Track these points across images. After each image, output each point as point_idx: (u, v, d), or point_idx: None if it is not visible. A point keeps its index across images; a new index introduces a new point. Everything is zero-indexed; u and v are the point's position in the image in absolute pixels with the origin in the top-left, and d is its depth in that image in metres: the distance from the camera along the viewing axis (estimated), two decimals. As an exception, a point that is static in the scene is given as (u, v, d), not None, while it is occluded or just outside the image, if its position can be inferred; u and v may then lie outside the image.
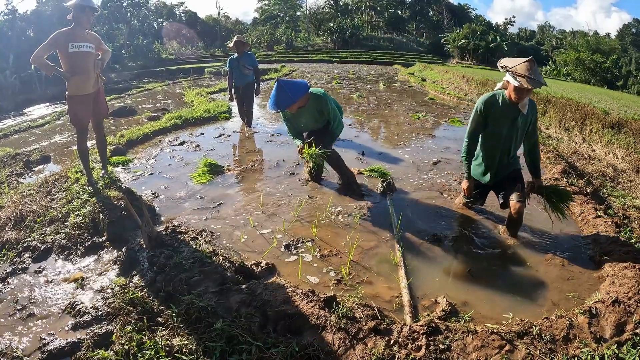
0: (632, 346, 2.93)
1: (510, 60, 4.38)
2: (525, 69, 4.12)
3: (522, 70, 4.12)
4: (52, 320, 3.40)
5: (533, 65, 4.16)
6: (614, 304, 3.38)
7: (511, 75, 4.22)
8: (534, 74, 4.12)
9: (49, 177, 6.33)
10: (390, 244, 4.57)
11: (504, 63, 4.40)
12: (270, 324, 3.13)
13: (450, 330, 3.10)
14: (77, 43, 5.40)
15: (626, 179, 7.36)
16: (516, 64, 4.20)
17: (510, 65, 4.25)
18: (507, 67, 4.27)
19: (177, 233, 4.59)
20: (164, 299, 3.44)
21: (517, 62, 4.24)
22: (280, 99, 5.22)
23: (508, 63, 4.33)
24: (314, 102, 5.55)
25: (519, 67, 4.15)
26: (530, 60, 4.19)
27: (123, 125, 11.01)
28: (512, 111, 4.47)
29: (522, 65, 4.15)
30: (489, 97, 4.58)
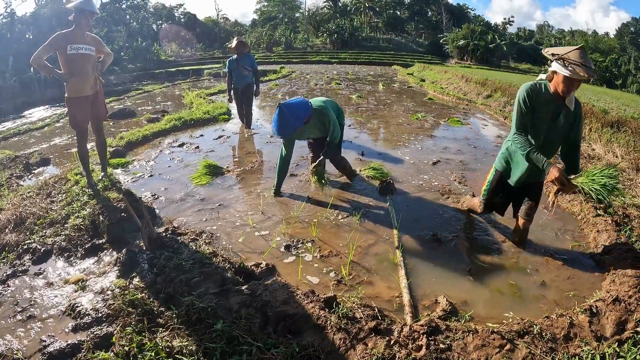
0: (633, 344, 2.92)
1: (558, 49, 3.93)
2: (579, 56, 3.70)
3: (576, 57, 3.70)
4: (52, 322, 3.40)
5: (585, 53, 3.76)
6: (614, 303, 3.38)
7: (561, 63, 3.75)
8: (588, 62, 3.74)
9: (49, 179, 6.32)
10: (390, 244, 4.57)
11: (552, 51, 3.93)
12: (271, 325, 3.12)
13: (451, 330, 3.10)
14: (77, 45, 5.40)
15: (626, 177, 7.36)
16: (567, 51, 3.78)
17: (561, 52, 3.80)
18: (558, 55, 3.81)
19: (177, 234, 4.59)
20: (164, 300, 3.44)
21: (567, 49, 3.83)
22: (285, 127, 5.30)
23: (557, 51, 3.89)
24: (316, 117, 5.62)
25: (571, 55, 3.73)
26: (582, 48, 3.80)
27: (122, 127, 11.02)
28: (557, 106, 3.96)
29: (574, 52, 3.73)
30: (533, 84, 4.02)
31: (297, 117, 5.31)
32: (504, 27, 66.10)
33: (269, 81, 22.21)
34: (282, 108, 5.25)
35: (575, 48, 3.75)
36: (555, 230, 4.96)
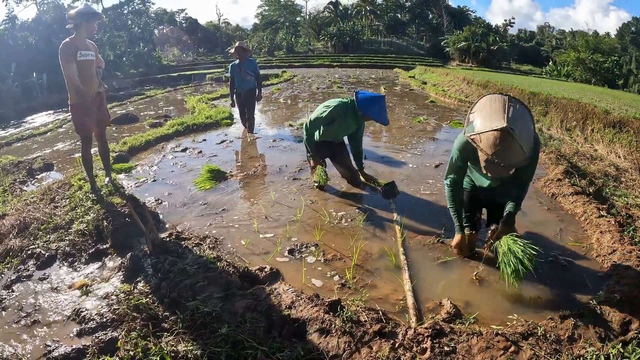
0: (637, 345, 2.92)
1: (482, 112, 3.07)
2: (492, 143, 2.88)
3: (486, 145, 2.91)
4: (57, 327, 3.41)
5: (505, 139, 2.86)
6: (618, 304, 3.37)
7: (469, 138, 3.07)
8: (502, 154, 2.89)
9: (52, 184, 6.35)
10: (394, 247, 4.56)
11: (474, 113, 3.17)
12: (276, 329, 3.13)
13: (455, 333, 3.10)
14: (84, 51, 5.45)
15: (629, 177, 7.36)
16: (483, 128, 2.93)
17: (478, 124, 3.01)
18: (472, 130, 3.04)
19: (181, 239, 4.60)
20: (168, 305, 3.45)
21: (484, 127, 2.95)
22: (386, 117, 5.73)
23: (477, 119, 3.06)
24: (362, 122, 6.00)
25: (483, 138, 2.91)
26: (503, 131, 2.85)
27: (125, 132, 11.06)
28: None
29: (487, 136, 2.90)
30: (467, 142, 3.34)
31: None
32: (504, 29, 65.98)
33: (270, 85, 22.26)
34: (383, 99, 5.74)
35: (494, 129, 2.87)
36: (557, 232, 4.95)
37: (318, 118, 5.80)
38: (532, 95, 14.15)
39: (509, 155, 2.89)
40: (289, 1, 71.57)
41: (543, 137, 9.92)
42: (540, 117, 12.69)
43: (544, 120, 12.29)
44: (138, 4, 50.55)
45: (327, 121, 5.79)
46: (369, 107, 5.60)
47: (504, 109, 2.92)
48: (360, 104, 5.61)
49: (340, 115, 5.77)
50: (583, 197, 5.65)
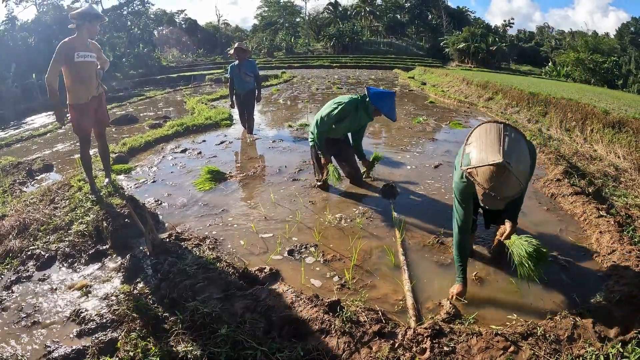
0: (637, 345, 2.92)
1: (478, 144, 2.96)
2: (489, 177, 2.79)
3: (482, 179, 2.82)
4: (57, 328, 3.41)
5: (502, 174, 2.75)
6: (618, 303, 3.40)
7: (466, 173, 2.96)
8: (498, 188, 2.79)
9: (52, 185, 6.34)
10: (393, 248, 4.57)
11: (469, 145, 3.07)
12: (275, 329, 3.13)
13: (455, 333, 3.10)
14: (83, 52, 5.43)
15: (628, 178, 7.36)
16: (479, 162, 2.83)
17: (474, 157, 2.91)
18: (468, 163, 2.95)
19: (181, 240, 4.62)
20: (168, 305, 3.46)
21: (482, 154, 2.86)
22: (393, 113, 5.75)
23: (473, 150, 2.97)
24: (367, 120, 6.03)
25: (480, 172, 2.82)
26: (499, 165, 2.73)
27: (125, 133, 11.06)
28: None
29: (484, 170, 2.79)
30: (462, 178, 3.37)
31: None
32: (504, 29, 66.08)
33: (270, 86, 22.25)
34: (393, 95, 5.82)
35: (489, 164, 2.77)
36: (557, 232, 4.96)
37: (329, 116, 5.81)
38: (531, 95, 14.16)
39: (506, 189, 2.81)
40: (289, 2, 71.67)
41: (542, 137, 9.92)
42: (539, 117, 12.70)
43: (543, 121, 12.29)
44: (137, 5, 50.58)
45: (339, 118, 5.81)
46: (382, 102, 5.66)
47: (499, 140, 2.85)
48: (373, 99, 5.66)
49: (352, 112, 5.81)
50: (582, 197, 5.66)
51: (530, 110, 13.40)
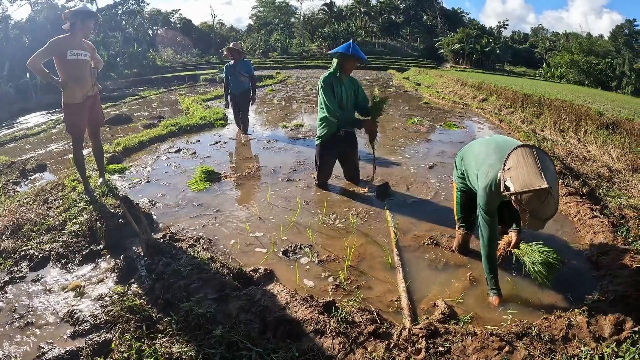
0: (631, 344, 2.95)
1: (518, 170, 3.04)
2: (535, 202, 2.93)
3: (528, 204, 2.96)
4: (50, 329, 3.39)
5: (546, 198, 2.91)
6: (612, 303, 3.42)
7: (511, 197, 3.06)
8: (543, 211, 2.96)
9: (46, 185, 6.31)
10: (388, 248, 4.57)
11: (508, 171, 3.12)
12: (270, 330, 3.12)
13: (450, 333, 3.11)
14: (76, 51, 5.41)
15: (622, 178, 7.40)
16: (524, 187, 2.94)
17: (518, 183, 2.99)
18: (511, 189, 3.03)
19: (175, 240, 4.60)
20: (162, 306, 3.44)
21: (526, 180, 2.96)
22: (356, 48, 5.83)
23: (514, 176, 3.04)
24: (350, 79, 6.09)
25: (525, 197, 2.95)
26: (545, 191, 2.89)
27: (119, 133, 11.02)
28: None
29: (531, 196, 2.93)
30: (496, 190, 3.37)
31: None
32: (498, 31, 66.19)
33: (265, 86, 22.24)
34: (352, 41, 5.99)
35: (535, 189, 2.90)
36: (552, 233, 4.96)
37: (322, 96, 5.92)
38: (525, 96, 14.21)
39: (548, 210, 2.98)
40: (284, 2, 71.57)
41: (536, 138, 9.97)
42: (533, 118, 12.75)
43: (537, 122, 12.34)
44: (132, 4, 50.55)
45: (326, 92, 5.86)
46: (338, 48, 5.86)
47: (537, 164, 3.00)
48: (332, 54, 5.97)
49: (332, 78, 5.91)
50: (576, 198, 5.68)
51: (525, 111, 13.44)
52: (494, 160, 3.41)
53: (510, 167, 3.09)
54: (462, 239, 4.49)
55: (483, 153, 3.64)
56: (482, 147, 3.77)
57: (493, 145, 3.65)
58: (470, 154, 3.90)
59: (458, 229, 4.52)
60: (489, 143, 3.75)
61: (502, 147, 3.54)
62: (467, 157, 3.95)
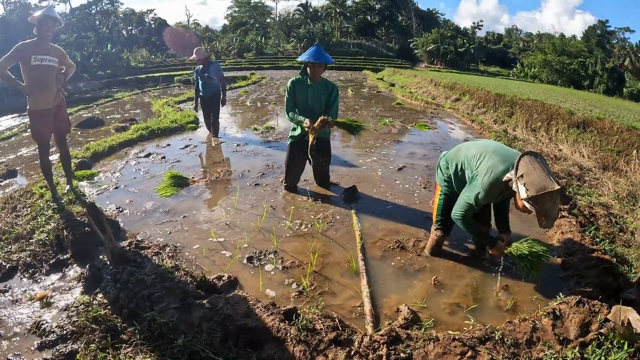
0: (597, 346, 2.99)
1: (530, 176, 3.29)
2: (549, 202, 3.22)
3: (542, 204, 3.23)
4: (18, 341, 3.36)
5: (557, 198, 3.26)
6: (578, 305, 3.45)
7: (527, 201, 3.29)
8: (554, 210, 3.28)
9: (14, 193, 6.21)
10: (353, 253, 4.59)
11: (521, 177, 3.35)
12: (232, 339, 3.12)
13: (412, 339, 3.13)
14: (40, 56, 5.31)
15: (592, 177, 7.55)
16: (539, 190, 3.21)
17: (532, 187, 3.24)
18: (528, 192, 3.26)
19: (141, 248, 4.56)
20: (127, 316, 3.42)
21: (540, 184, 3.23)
22: (320, 54, 5.79)
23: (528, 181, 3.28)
24: (326, 83, 6.05)
25: (540, 199, 3.21)
26: (557, 191, 3.22)
27: (91, 136, 10.90)
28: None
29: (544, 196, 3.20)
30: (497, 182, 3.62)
31: (329, 56, 5.95)
32: (473, 31, 66.85)
33: (238, 88, 22.16)
34: (319, 45, 6.02)
35: (550, 191, 3.19)
36: (520, 233, 5.00)
37: (286, 99, 6.04)
38: (498, 96, 14.38)
39: (557, 209, 3.34)
40: (259, 2, 71.34)
41: (508, 138, 10.11)
42: (505, 118, 12.93)
43: (509, 121, 12.51)
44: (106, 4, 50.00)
45: (291, 95, 6.01)
46: (303, 55, 5.89)
47: (543, 169, 3.30)
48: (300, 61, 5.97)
49: (297, 83, 6.01)
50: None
51: (497, 111, 13.61)
52: (496, 161, 3.67)
53: (522, 174, 3.32)
54: (437, 241, 4.59)
55: (483, 155, 3.83)
56: (478, 149, 3.95)
57: (490, 148, 3.87)
58: (464, 156, 4.05)
59: (435, 231, 4.58)
60: (486, 146, 3.96)
61: (499, 150, 3.84)
62: (461, 160, 4.09)
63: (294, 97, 6.00)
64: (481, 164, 3.79)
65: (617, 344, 2.99)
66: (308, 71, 5.89)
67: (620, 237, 5.05)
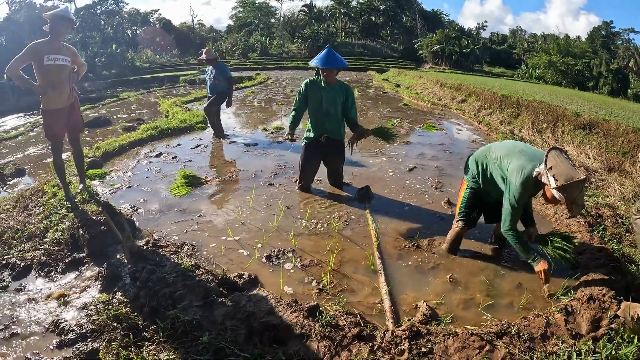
0: (607, 341, 3.08)
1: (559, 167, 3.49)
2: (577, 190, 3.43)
3: (571, 193, 3.42)
4: (36, 339, 3.35)
5: (584, 186, 3.51)
6: (589, 301, 3.54)
7: (557, 191, 3.46)
8: (582, 197, 3.52)
9: (25, 191, 6.19)
10: (370, 251, 4.63)
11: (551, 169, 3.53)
12: (256, 335, 3.16)
13: (432, 334, 3.19)
14: (53, 55, 5.32)
15: (598, 178, 7.57)
16: (569, 179, 3.40)
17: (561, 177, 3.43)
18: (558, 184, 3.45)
19: (158, 247, 4.58)
20: (148, 314, 3.45)
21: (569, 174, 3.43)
22: (331, 59, 5.77)
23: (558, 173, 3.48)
24: (341, 85, 6.04)
25: (569, 188, 3.41)
26: (584, 180, 3.47)
27: (98, 136, 10.91)
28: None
29: (574, 185, 3.40)
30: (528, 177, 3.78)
31: (342, 59, 5.95)
32: (477, 32, 66.77)
33: (244, 88, 22.13)
34: (330, 48, 5.95)
35: (577, 180, 3.38)
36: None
37: (295, 102, 6.15)
38: (504, 97, 14.39)
39: (583, 197, 3.55)
40: (264, 3, 71.39)
41: (514, 139, 10.09)
42: (512, 119, 12.92)
43: (515, 123, 12.51)
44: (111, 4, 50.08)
45: (298, 96, 6.12)
46: (315, 61, 5.88)
47: (569, 162, 3.53)
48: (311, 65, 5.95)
49: (309, 84, 6.07)
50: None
51: (503, 112, 13.61)
52: (524, 161, 3.84)
53: (550, 166, 3.51)
54: (458, 233, 4.69)
55: (511, 155, 3.99)
56: (506, 150, 4.11)
57: (518, 149, 4.04)
58: (493, 157, 4.19)
59: (457, 222, 4.67)
60: (514, 146, 4.14)
61: (525, 150, 4.03)
62: (490, 160, 4.23)
63: (305, 98, 6.06)
64: (511, 164, 3.92)
65: (627, 338, 3.11)
66: (321, 73, 5.90)
67: (627, 237, 5.10)
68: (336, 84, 6.01)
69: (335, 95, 6.00)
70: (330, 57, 5.80)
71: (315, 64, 5.80)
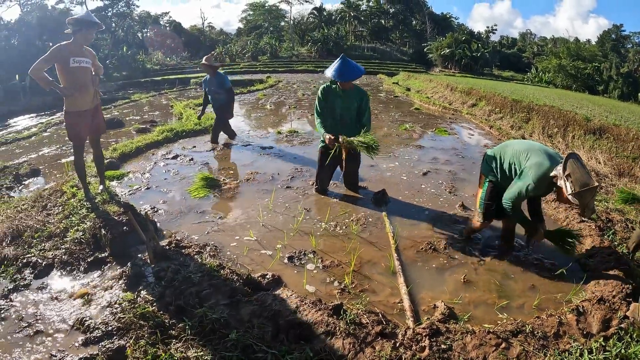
0: (617, 340, 3.24)
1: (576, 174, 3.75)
2: (591, 196, 3.74)
3: (585, 197, 3.71)
4: (61, 337, 3.40)
5: (596, 192, 3.99)
6: (599, 302, 3.69)
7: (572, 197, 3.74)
8: (593, 203, 3.86)
9: (43, 191, 6.25)
10: (388, 253, 4.71)
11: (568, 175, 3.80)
12: (282, 333, 3.27)
13: (450, 332, 3.32)
14: (78, 58, 5.42)
15: (609, 183, 7.60)
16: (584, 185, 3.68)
17: (578, 183, 3.70)
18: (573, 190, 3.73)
19: (181, 247, 4.67)
20: (174, 312, 3.53)
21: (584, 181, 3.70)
22: (346, 71, 5.78)
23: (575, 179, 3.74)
24: (357, 90, 6.11)
25: (584, 193, 3.68)
26: (597, 187, 3.82)
27: (111, 137, 10.99)
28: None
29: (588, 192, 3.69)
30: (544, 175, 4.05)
31: (358, 67, 6.00)
32: (487, 36, 66.80)
33: (256, 91, 22.17)
34: (345, 56, 5.99)
35: (592, 187, 3.67)
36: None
37: (315, 108, 6.16)
38: (514, 102, 14.40)
39: (594, 202, 3.90)
40: (274, 6, 71.58)
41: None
42: (522, 123, 12.93)
43: (526, 127, 12.53)
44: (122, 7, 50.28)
45: (320, 100, 6.11)
46: (330, 72, 5.88)
47: (585, 169, 3.79)
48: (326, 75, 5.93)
49: (326, 90, 6.10)
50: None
51: (514, 117, 13.62)
52: (543, 158, 4.10)
53: (569, 173, 3.77)
54: (478, 229, 5.03)
55: (530, 152, 4.26)
56: (525, 146, 4.40)
57: (536, 147, 4.32)
58: (512, 152, 4.47)
59: (477, 217, 4.87)
60: (532, 145, 4.42)
61: (543, 148, 4.29)
62: (509, 154, 4.49)
63: (325, 104, 6.10)
64: (529, 159, 4.20)
65: (637, 337, 3.27)
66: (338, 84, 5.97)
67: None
68: (353, 90, 6.08)
69: (351, 102, 6.07)
70: (346, 68, 5.82)
71: (331, 76, 5.82)
